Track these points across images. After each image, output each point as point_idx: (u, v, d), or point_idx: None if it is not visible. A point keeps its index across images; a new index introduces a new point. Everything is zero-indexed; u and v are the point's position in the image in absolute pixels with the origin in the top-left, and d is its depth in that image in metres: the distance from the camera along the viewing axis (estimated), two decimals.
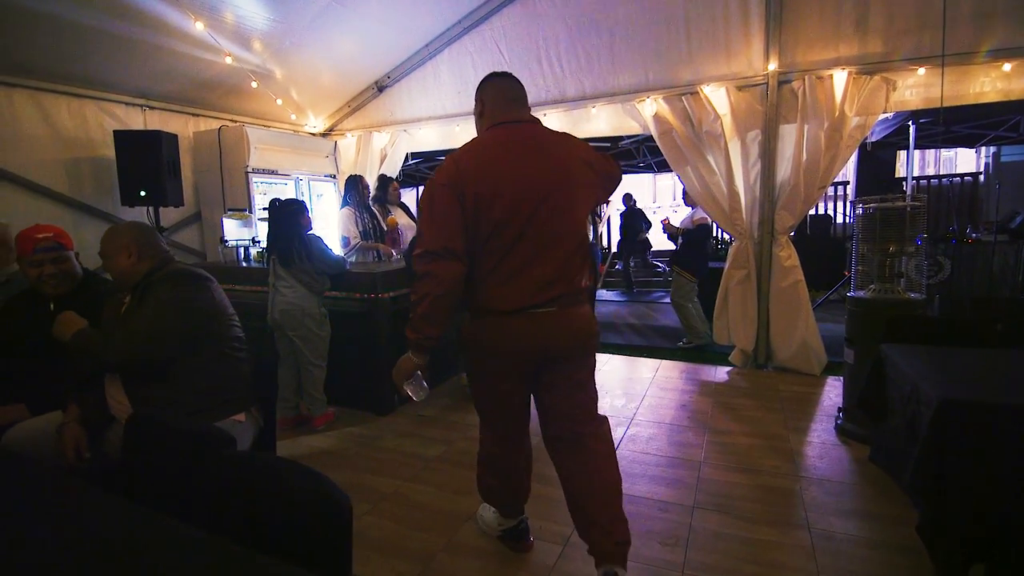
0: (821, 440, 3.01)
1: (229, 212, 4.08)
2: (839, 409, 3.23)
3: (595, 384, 1.85)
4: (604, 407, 2.71)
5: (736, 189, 4.18)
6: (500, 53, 5.16)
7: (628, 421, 3.32)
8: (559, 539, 2.14)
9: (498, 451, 1.95)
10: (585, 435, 1.80)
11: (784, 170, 4.14)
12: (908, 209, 2.72)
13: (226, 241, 4.04)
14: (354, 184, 4.37)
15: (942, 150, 8.95)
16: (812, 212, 6.89)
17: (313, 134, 6.27)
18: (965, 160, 9.14)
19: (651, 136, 4.55)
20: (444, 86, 5.53)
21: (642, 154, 7.60)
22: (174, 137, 4.27)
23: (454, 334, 1.96)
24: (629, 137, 5.74)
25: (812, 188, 4.02)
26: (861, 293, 2.99)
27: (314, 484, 1.00)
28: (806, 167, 3.99)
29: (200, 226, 5.12)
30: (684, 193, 5.11)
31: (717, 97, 4.17)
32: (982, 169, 7.66)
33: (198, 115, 5.07)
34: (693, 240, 5.09)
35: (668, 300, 5.98)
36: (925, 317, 2.59)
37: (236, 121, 5.14)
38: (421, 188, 10.57)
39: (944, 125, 5.65)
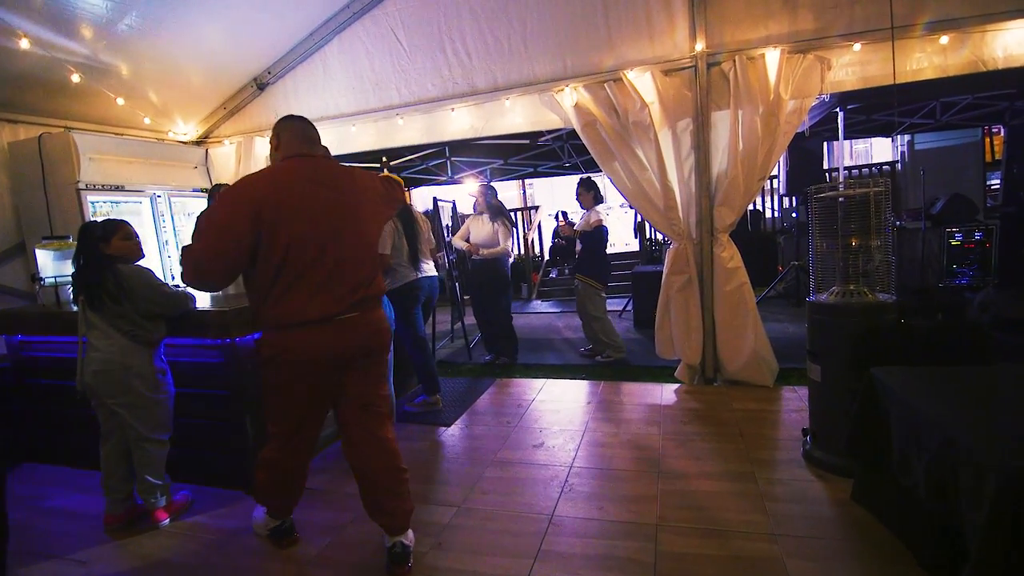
0: (791, 475, 2.53)
1: (43, 240, 3.14)
2: (804, 432, 2.78)
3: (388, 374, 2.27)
4: (540, 451, 2.95)
5: (670, 184, 3.72)
6: (398, 41, 4.48)
7: (567, 471, 2.71)
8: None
9: (284, 456, 2.07)
10: (374, 406, 2.05)
11: (720, 162, 3.72)
12: (872, 195, 2.30)
13: (41, 279, 3.09)
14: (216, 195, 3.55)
15: (856, 142, 9.14)
16: None
17: (184, 142, 5.30)
18: (881, 149, 9.39)
19: (575, 131, 4.03)
20: (335, 81, 4.78)
21: (567, 153, 7.09)
22: None
23: None
24: (550, 132, 5.22)
25: (751, 180, 3.62)
26: (823, 297, 2.55)
27: None
28: (743, 157, 3.58)
29: (26, 260, 4.05)
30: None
31: (642, 83, 3.69)
32: (898, 157, 7.80)
33: (16, 122, 4.03)
34: (592, 244, 4.64)
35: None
36: (908, 326, 2.17)
37: (67, 128, 4.13)
38: None
39: (888, 108, 5.52)
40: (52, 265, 3.12)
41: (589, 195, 4.63)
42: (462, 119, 4.41)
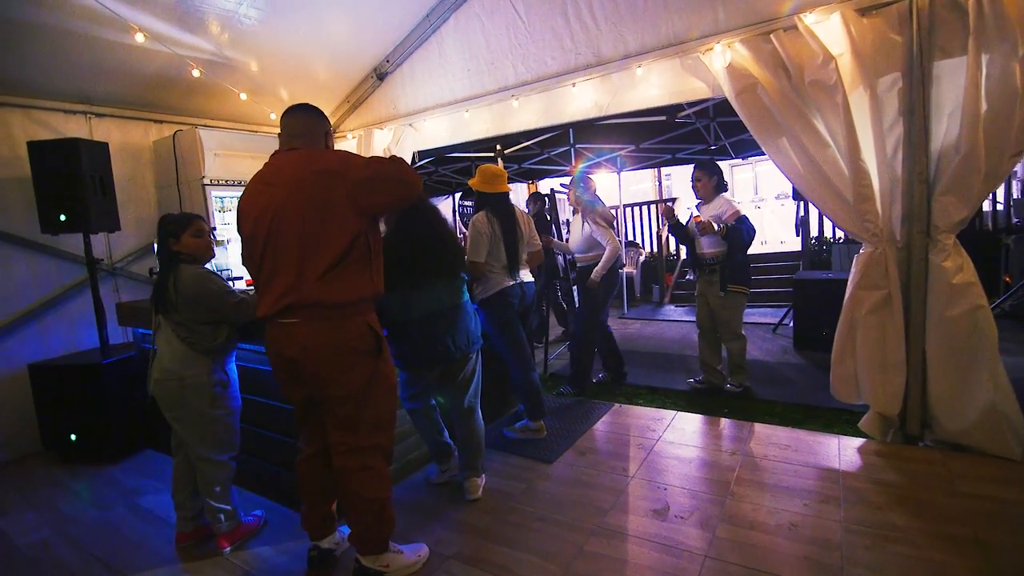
0: None
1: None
2: None
3: (366, 413, 1.88)
4: (663, 524, 2.24)
5: (864, 165, 2.70)
6: (516, 12, 3.96)
7: (699, 565, 1.96)
8: None
9: (301, 445, 2.04)
10: (345, 469, 1.88)
11: (947, 131, 2.61)
12: None
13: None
14: None
15: None
16: None
17: None
18: None
19: (724, 105, 3.17)
20: (451, 64, 4.42)
21: (713, 133, 5.96)
22: (101, 146, 3.43)
23: None
24: (692, 105, 4.25)
25: (1000, 157, 2.46)
26: None
27: None
28: (988, 123, 2.45)
29: None
30: (794, 189, 3.68)
31: (826, 29, 2.73)
32: None
33: (161, 121, 4.29)
34: (738, 241, 3.53)
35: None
36: None
37: (197, 125, 4.28)
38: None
39: None
40: None
41: (711, 181, 3.63)
42: (585, 96, 3.75)
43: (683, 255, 8.83)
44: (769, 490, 2.42)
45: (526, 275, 3.12)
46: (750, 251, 3.65)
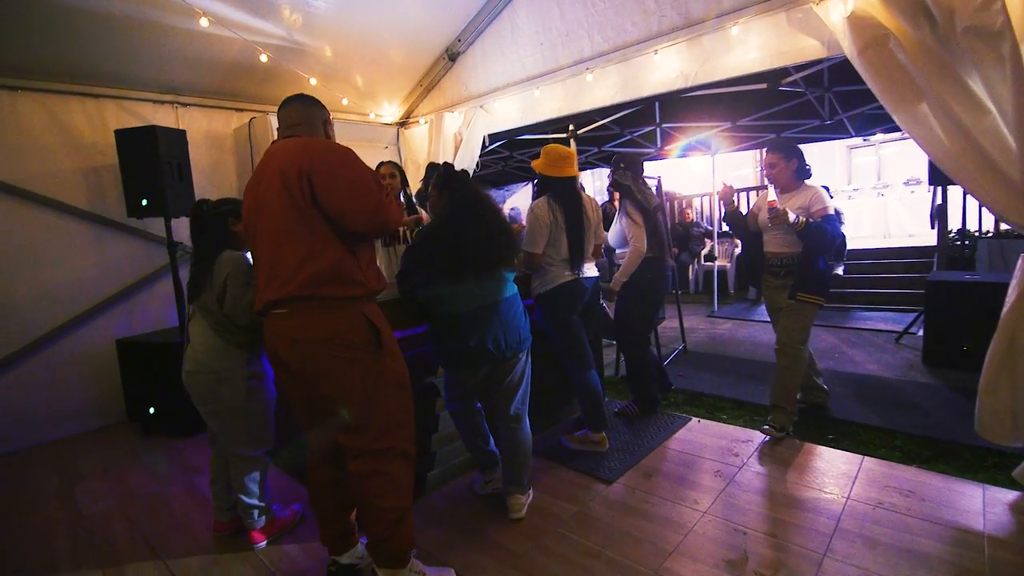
0: None
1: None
2: None
3: (374, 414, 1.71)
4: None
5: None
6: None
7: None
8: None
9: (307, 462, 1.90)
10: (356, 474, 1.72)
11: None
12: None
13: None
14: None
15: None
16: None
17: (387, 124, 5.33)
18: None
19: (843, 70, 2.59)
20: (523, 38, 4.11)
21: (828, 105, 5.06)
22: (178, 133, 3.54)
23: None
24: (799, 69, 3.52)
25: None
26: None
27: None
28: None
29: None
30: (931, 172, 2.94)
31: None
32: None
33: (241, 110, 4.41)
34: (820, 242, 2.75)
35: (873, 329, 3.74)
36: None
37: (269, 112, 4.34)
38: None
39: None
40: None
41: (791, 165, 2.86)
42: (668, 65, 3.29)
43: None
44: (882, 550, 1.92)
45: (590, 269, 2.77)
46: (869, 243, 3.01)
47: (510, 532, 2.18)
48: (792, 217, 2.71)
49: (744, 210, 3.24)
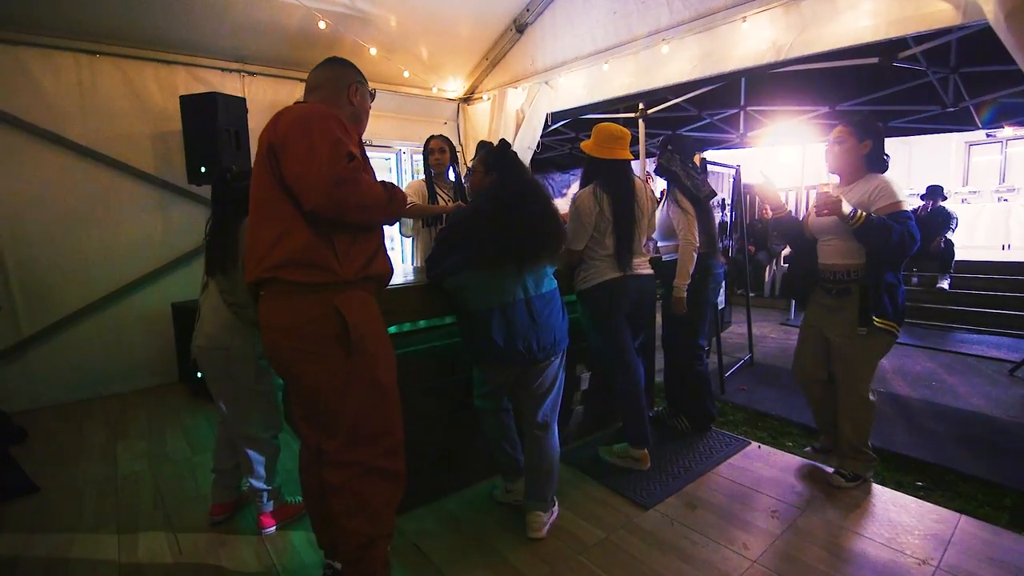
0: None
1: None
2: None
3: (342, 419, 1.50)
4: None
5: None
6: None
7: None
8: None
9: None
10: (326, 483, 1.54)
11: None
12: None
13: None
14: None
15: None
16: None
17: (450, 99, 5.16)
18: None
19: (976, 44, 2.07)
20: (595, 6, 3.77)
21: (952, 88, 4.25)
22: (238, 101, 3.55)
23: None
24: (921, 42, 2.90)
25: None
26: None
27: None
28: None
29: None
30: None
31: None
32: None
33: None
34: (885, 247, 2.10)
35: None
36: None
37: None
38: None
39: None
40: None
41: (862, 148, 2.20)
42: (758, 34, 2.86)
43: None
44: None
45: (643, 266, 2.46)
46: (983, 254, 2.44)
47: (525, 553, 1.97)
48: (848, 209, 2.09)
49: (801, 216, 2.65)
